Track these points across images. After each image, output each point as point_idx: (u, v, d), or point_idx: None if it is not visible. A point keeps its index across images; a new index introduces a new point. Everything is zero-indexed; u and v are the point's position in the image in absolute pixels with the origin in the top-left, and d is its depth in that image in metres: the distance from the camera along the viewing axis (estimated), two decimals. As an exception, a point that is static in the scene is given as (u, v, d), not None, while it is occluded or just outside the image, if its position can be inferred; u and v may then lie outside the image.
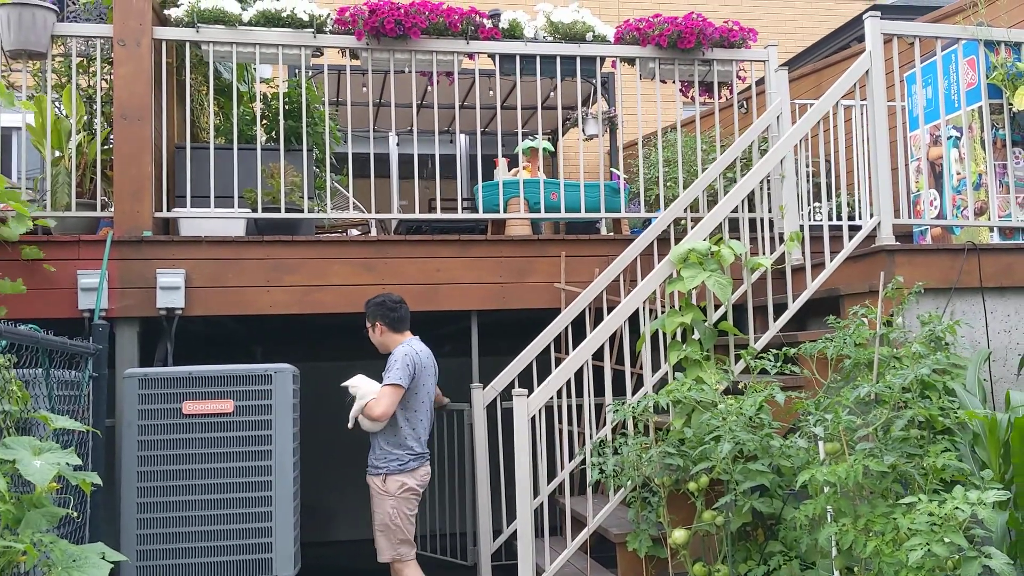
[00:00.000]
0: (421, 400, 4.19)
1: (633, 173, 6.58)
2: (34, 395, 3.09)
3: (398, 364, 4.10)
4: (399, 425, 4.13)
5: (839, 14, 10.57)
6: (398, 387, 4.07)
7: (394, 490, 4.09)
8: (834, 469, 3.11)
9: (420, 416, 4.19)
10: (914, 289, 3.90)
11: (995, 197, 4.61)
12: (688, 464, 3.74)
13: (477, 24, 5.14)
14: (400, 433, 4.13)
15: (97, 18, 5.37)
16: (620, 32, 5.41)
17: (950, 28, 4.92)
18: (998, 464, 3.42)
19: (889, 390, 3.37)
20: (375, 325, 4.31)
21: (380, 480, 4.12)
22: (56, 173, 4.70)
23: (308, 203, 5.04)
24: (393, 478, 4.10)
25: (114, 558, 2.49)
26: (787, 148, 4.61)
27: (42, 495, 2.48)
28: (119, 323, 4.50)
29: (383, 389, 4.08)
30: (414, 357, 4.15)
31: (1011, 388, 3.94)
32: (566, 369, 4.09)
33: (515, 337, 5.05)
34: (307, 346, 7.03)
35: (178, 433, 3.91)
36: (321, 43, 5.04)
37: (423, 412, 4.20)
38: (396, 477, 4.10)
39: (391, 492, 4.09)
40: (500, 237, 5.19)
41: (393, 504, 4.08)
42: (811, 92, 6.78)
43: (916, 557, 2.70)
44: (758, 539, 3.78)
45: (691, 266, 4.08)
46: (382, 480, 4.11)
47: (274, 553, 3.93)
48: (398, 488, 4.09)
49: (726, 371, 4.07)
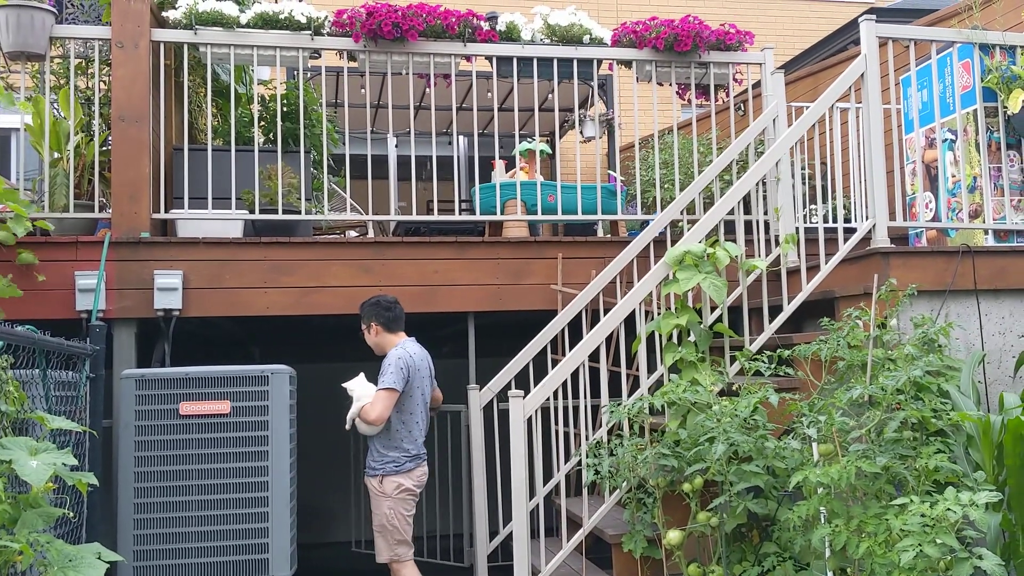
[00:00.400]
0: (416, 402, 4.20)
1: (630, 175, 6.59)
2: (31, 396, 3.10)
3: (392, 368, 4.11)
4: (394, 427, 4.14)
5: (836, 17, 10.60)
6: (392, 391, 4.08)
7: (390, 491, 4.10)
8: (827, 470, 3.13)
9: (416, 418, 4.20)
10: (907, 291, 3.92)
11: (990, 200, 4.63)
12: (683, 465, 3.76)
13: (474, 27, 5.16)
14: (395, 435, 4.15)
15: (95, 20, 5.39)
16: (617, 35, 5.43)
17: (945, 31, 4.94)
18: (992, 466, 3.44)
19: (882, 392, 3.38)
20: (370, 326, 4.32)
21: (377, 481, 4.14)
22: (54, 174, 4.72)
23: (306, 205, 5.06)
24: (389, 479, 4.12)
25: (110, 558, 2.50)
26: (783, 151, 4.62)
27: (38, 495, 2.49)
28: (117, 324, 4.51)
29: (377, 393, 4.09)
30: (407, 360, 4.16)
31: (1005, 390, 3.97)
32: (562, 370, 4.10)
33: (512, 339, 5.06)
34: (305, 347, 7.04)
35: (175, 434, 3.92)
36: (319, 45, 5.06)
37: (418, 414, 4.22)
38: (392, 478, 4.12)
39: (387, 493, 4.11)
40: (497, 239, 5.21)
41: (390, 505, 4.10)
42: (808, 95, 6.80)
43: (908, 558, 2.72)
44: (753, 540, 3.80)
45: (687, 268, 4.10)
46: (379, 481, 4.13)
47: (270, 553, 3.94)
48: (394, 489, 4.11)
49: (721, 373, 4.09)
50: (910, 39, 4.65)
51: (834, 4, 11.19)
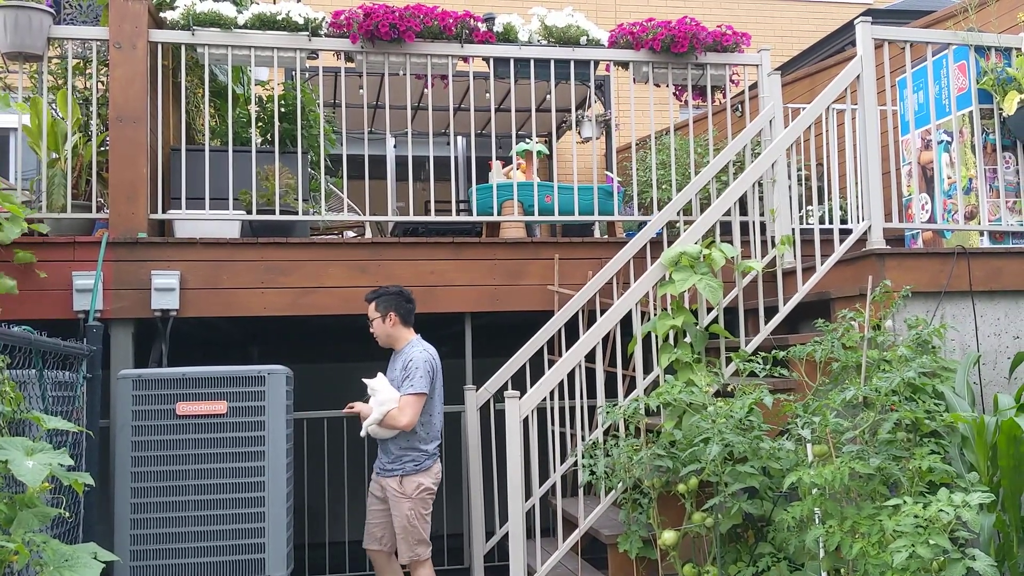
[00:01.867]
0: (435, 403, 4.18)
1: (627, 176, 6.60)
2: (28, 396, 3.11)
3: (420, 372, 4.05)
4: (413, 429, 4.10)
5: (833, 18, 10.62)
6: (422, 396, 4.03)
7: (411, 491, 4.06)
8: (821, 471, 3.14)
9: (434, 419, 4.18)
10: (903, 292, 3.93)
11: (985, 201, 4.64)
12: (678, 466, 3.77)
13: (472, 28, 5.17)
14: (413, 436, 4.09)
15: (93, 20, 5.40)
16: (614, 36, 5.44)
17: (941, 33, 4.95)
18: (986, 467, 3.45)
19: (876, 393, 3.40)
20: (388, 315, 4.20)
21: (396, 482, 4.08)
22: (52, 175, 4.73)
23: (303, 205, 5.07)
24: (410, 479, 4.07)
25: (106, 558, 2.51)
26: (779, 152, 4.63)
27: (34, 495, 2.49)
28: (114, 324, 4.52)
29: (407, 399, 4.02)
30: (433, 363, 4.12)
31: (1000, 391, 3.97)
32: (559, 371, 4.11)
33: (509, 339, 5.07)
34: (303, 348, 7.05)
35: (172, 434, 3.93)
36: (316, 46, 5.07)
37: (436, 414, 4.19)
38: (413, 478, 4.07)
39: (408, 494, 4.06)
40: (494, 239, 5.22)
41: (410, 506, 4.06)
42: (805, 96, 6.82)
43: (901, 559, 2.73)
44: (748, 540, 3.81)
45: (682, 269, 4.11)
46: (398, 482, 4.07)
47: (267, 553, 3.94)
48: (415, 489, 4.07)
49: (717, 374, 4.10)
50: (906, 41, 4.66)
51: (831, 6, 11.20)
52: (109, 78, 4.80)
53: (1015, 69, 4.60)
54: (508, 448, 3.94)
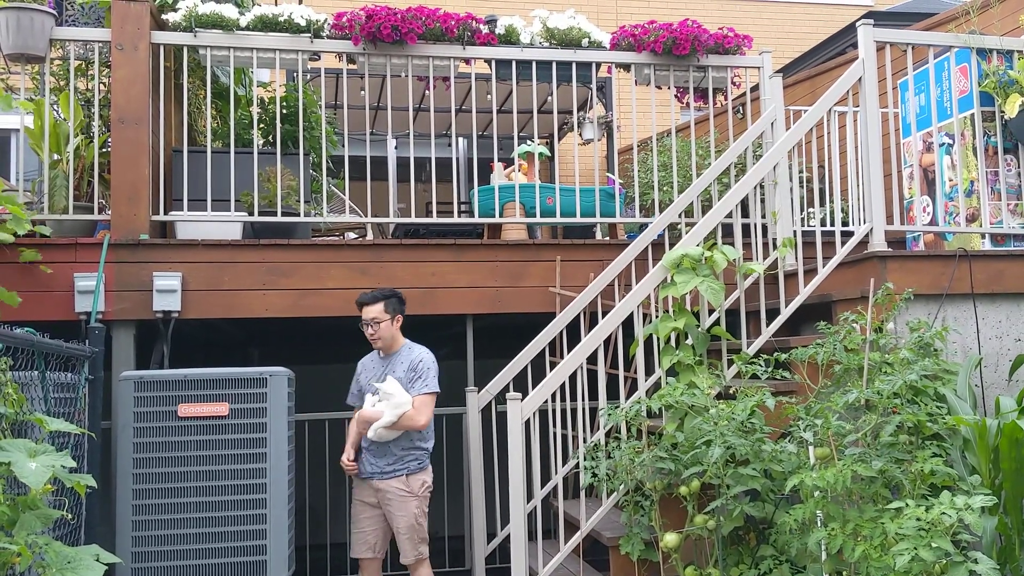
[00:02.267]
0: None
1: (629, 178, 6.61)
2: (30, 398, 3.11)
3: (433, 371, 4.11)
4: None
5: (834, 21, 10.62)
6: (435, 395, 4.10)
7: (417, 489, 4.09)
8: (823, 474, 3.14)
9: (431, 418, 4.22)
10: (904, 295, 3.93)
11: (987, 204, 4.64)
12: (680, 468, 3.77)
13: (473, 30, 5.17)
14: (417, 435, 4.13)
15: (95, 22, 5.40)
16: (616, 38, 5.45)
17: (943, 36, 4.96)
18: (988, 469, 3.45)
19: (878, 396, 3.40)
20: (395, 318, 4.20)
21: (401, 482, 4.07)
22: (54, 176, 4.73)
23: (304, 207, 5.07)
24: (415, 477, 4.10)
25: (108, 560, 2.51)
26: (780, 154, 4.64)
27: (37, 497, 2.50)
28: (115, 326, 4.52)
29: (423, 398, 4.04)
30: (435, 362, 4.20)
31: (1002, 394, 3.97)
32: (560, 373, 4.11)
33: (510, 341, 5.07)
34: (305, 349, 7.05)
35: (173, 436, 3.93)
36: (318, 48, 5.07)
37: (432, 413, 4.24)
38: (418, 476, 4.11)
39: (415, 492, 4.09)
40: (496, 241, 5.22)
41: (417, 504, 4.09)
42: (806, 98, 6.82)
43: (903, 562, 2.73)
44: (750, 543, 3.81)
45: (684, 271, 4.11)
46: (403, 481, 4.08)
47: (268, 555, 3.95)
48: (420, 487, 4.11)
49: (718, 376, 4.10)
50: (908, 43, 4.66)
51: (832, 8, 11.21)
52: (111, 79, 4.81)
53: (1017, 72, 4.60)
54: (510, 450, 3.94)
